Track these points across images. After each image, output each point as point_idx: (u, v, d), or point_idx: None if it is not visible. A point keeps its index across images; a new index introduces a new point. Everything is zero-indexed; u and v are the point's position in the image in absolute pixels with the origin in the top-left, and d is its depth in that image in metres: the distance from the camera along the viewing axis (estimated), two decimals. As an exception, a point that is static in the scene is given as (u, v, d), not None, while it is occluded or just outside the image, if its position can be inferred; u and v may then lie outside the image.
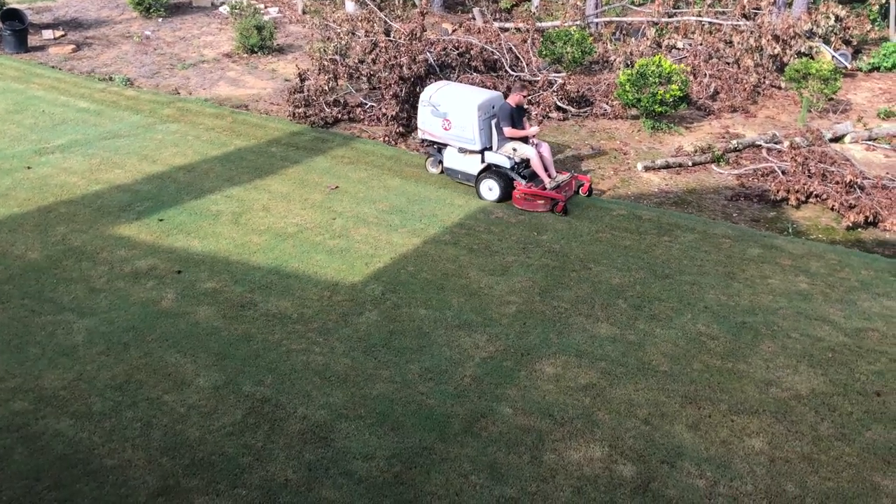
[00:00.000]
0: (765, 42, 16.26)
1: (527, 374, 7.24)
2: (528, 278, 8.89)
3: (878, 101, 16.12)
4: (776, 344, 7.78)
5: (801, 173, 11.35)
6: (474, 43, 14.46)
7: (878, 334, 7.99)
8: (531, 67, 15.04)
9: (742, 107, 15.25)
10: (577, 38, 15.97)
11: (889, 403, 6.96)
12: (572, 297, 8.55)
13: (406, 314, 8.12)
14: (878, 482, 6.06)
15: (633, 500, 5.83)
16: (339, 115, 14.04)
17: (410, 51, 13.60)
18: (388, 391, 6.94)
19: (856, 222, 10.38)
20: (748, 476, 6.09)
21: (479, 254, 9.40)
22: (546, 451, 6.31)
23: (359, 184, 11.35)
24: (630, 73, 13.62)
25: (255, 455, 6.18)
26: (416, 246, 9.54)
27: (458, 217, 10.34)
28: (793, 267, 9.31)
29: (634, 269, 9.16)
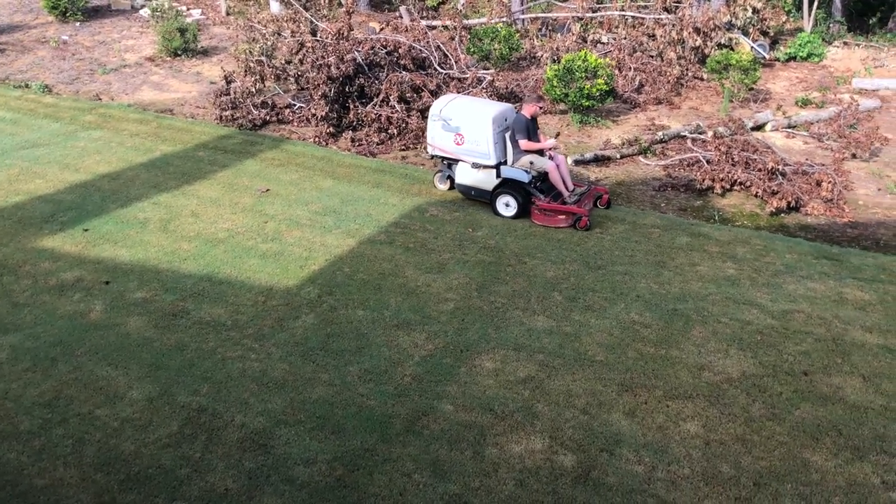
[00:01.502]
0: (686, 35, 16.66)
1: (466, 370, 7.27)
2: (464, 275, 8.92)
3: (795, 90, 16.68)
4: (707, 329, 7.99)
5: (726, 162, 11.66)
6: (402, 41, 14.44)
7: (803, 315, 8.27)
8: (459, 65, 15.08)
9: (667, 99, 15.60)
10: (504, 34, 16.10)
11: (816, 382, 7.21)
12: (509, 291, 8.61)
13: (343, 316, 8.06)
14: (808, 458, 6.28)
15: (574, 489, 5.90)
16: (267, 117, 13.86)
17: (338, 50, 13.51)
18: (328, 394, 6.89)
19: (779, 208, 10.72)
20: (685, 459, 6.24)
21: (416, 252, 9.39)
22: (488, 445, 6.34)
23: (290, 186, 11.23)
24: (557, 68, 13.79)
25: (194, 466, 6.06)
26: (352, 247, 9.48)
27: (393, 216, 10.32)
28: (720, 253, 9.57)
29: (568, 262, 9.27)
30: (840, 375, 7.29)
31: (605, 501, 5.79)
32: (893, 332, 7.98)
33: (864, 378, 7.25)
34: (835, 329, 8.02)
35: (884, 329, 8.04)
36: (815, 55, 18.83)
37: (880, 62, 18.61)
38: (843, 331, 7.99)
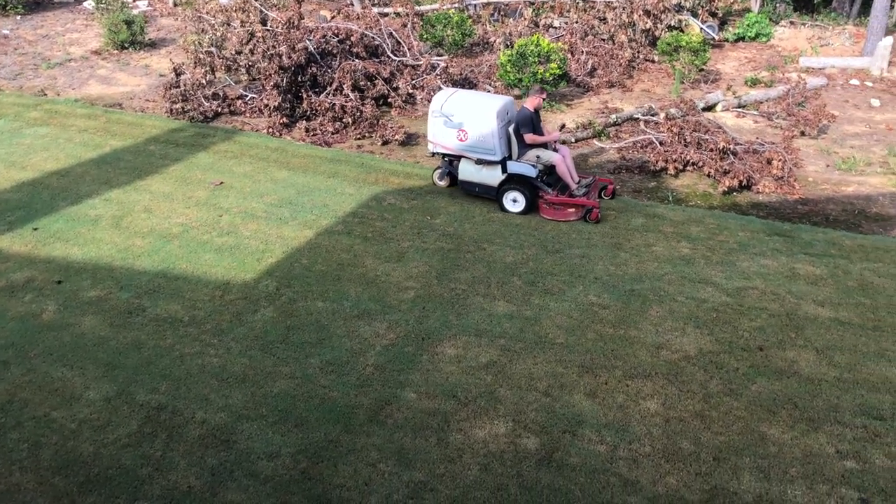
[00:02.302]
0: (637, 17, 16.79)
1: (429, 357, 7.28)
2: (424, 262, 8.91)
3: (744, 70, 16.92)
4: (664, 308, 8.10)
5: (678, 143, 11.80)
6: (354, 29, 14.31)
7: (757, 292, 8.43)
8: (413, 52, 15.01)
9: (619, 81, 15.71)
10: (457, 20, 16.06)
11: (771, 357, 7.36)
12: (469, 277, 8.63)
13: (303, 308, 8.01)
14: (766, 432, 6.41)
15: (538, 471, 5.96)
16: (219, 109, 13.66)
17: (289, 39, 13.35)
18: (289, 387, 6.84)
19: (731, 187, 10.88)
20: (646, 437, 6.33)
21: (374, 241, 9.36)
22: (452, 431, 6.36)
23: (244, 178, 11.09)
24: (510, 53, 13.80)
25: (155, 465, 5.98)
26: (309, 238, 9.41)
27: (350, 206, 10.26)
28: (675, 233, 9.69)
29: (527, 247, 9.32)
30: (794, 349, 7.45)
31: (569, 482, 5.86)
32: (845, 306, 8.18)
33: (817, 351, 7.42)
34: (788, 304, 8.19)
35: (835, 302, 8.23)
36: (763, 35, 19.12)
37: (825, 41, 18.96)
38: (796, 305, 8.17)
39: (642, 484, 5.87)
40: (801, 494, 5.78)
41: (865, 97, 15.38)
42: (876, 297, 8.36)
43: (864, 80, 16.35)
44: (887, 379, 7.05)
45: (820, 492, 5.81)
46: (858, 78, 16.44)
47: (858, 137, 13.24)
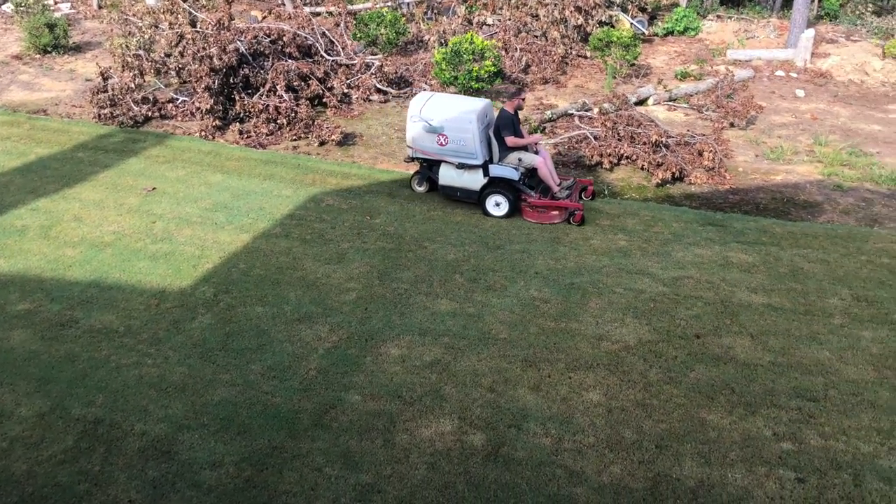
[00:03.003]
0: (568, 13, 16.98)
1: (372, 358, 7.23)
2: (365, 263, 8.86)
3: (674, 63, 17.28)
4: (603, 300, 8.21)
5: (612, 137, 11.98)
6: (286, 29, 14.14)
7: (692, 281, 8.61)
8: (347, 51, 14.92)
9: (553, 78, 15.87)
10: (390, 19, 16.01)
11: (708, 344, 7.52)
12: (411, 277, 8.61)
13: (242, 314, 7.88)
14: (705, 417, 6.55)
15: (485, 467, 5.98)
16: (149, 113, 13.34)
17: (219, 41, 13.11)
18: (231, 395, 6.72)
19: (664, 179, 11.10)
20: (589, 428, 6.41)
21: (313, 243, 9.26)
22: (398, 432, 6.34)
23: (178, 183, 10.86)
24: (445, 51, 13.82)
25: (93, 481, 5.81)
26: (246, 242, 9.26)
27: (288, 208, 10.13)
28: (611, 226, 9.83)
29: (468, 244, 9.34)
30: (730, 336, 7.64)
31: (516, 476, 5.89)
32: (777, 292, 8.41)
33: (752, 337, 7.62)
34: (722, 292, 8.39)
35: (767, 289, 8.46)
36: (692, 29, 19.54)
37: (751, 33, 19.48)
38: (731, 293, 8.37)
39: (587, 474, 5.94)
40: (741, 477, 5.93)
41: (791, 88, 15.86)
42: (806, 282, 8.62)
43: (788, 71, 16.85)
44: (819, 361, 7.28)
45: (759, 474, 5.96)
46: (783, 69, 16.94)
47: (785, 127, 13.63)
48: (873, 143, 12.94)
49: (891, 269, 8.90)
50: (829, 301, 8.27)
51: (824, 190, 11.11)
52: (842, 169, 11.74)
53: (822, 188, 11.16)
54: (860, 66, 16.76)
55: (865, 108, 14.73)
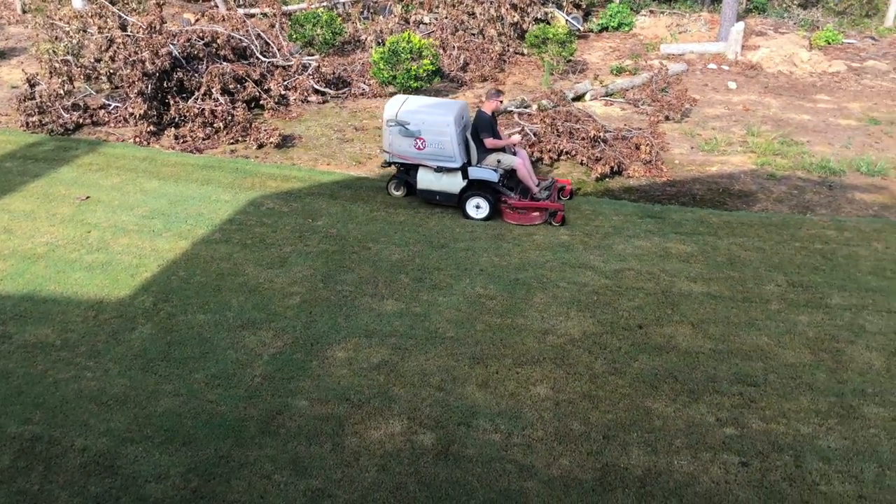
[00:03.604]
0: (504, 11, 17.08)
1: (319, 362, 7.16)
2: (308, 266, 8.77)
3: (609, 59, 17.52)
4: (547, 294, 8.28)
5: (551, 133, 12.08)
6: (220, 31, 13.92)
7: (633, 272, 8.74)
8: (283, 52, 14.75)
9: (491, 75, 15.95)
10: (326, 19, 15.88)
11: (650, 334, 7.65)
12: (355, 278, 8.55)
13: (183, 322, 7.72)
14: (650, 406, 6.66)
15: (435, 466, 5.97)
16: (80, 120, 12.98)
17: (151, 45, 12.83)
18: (175, 405, 6.58)
19: (603, 173, 11.24)
20: (538, 422, 6.45)
21: (254, 248, 9.13)
22: (347, 435, 6.29)
23: (112, 191, 10.59)
24: (382, 51, 13.77)
25: (32, 500, 5.62)
26: (185, 249, 9.08)
27: (227, 213, 9.97)
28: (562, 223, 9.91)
29: (412, 244, 9.32)
30: (671, 325, 7.78)
31: (467, 473, 5.90)
32: (715, 280, 8.60)
33: (692, 325, 7.77)
34: (663, 282, 8.54)
35: (706, 278, 8.64)
36: (626, 24, 19.85)
37: (683, 28, 19.87)
38: (671, 283, 8.52)
39: (537, 468, 5.98)
40: (686, 464, 6.04)
41: (723, 80, 16.22)
42: (743, 269, 8.83)
43: (720, 63, 17.24)
44: (758, 347, 7.46)
45: (704, 459, 6.08)
46: (716, 62, 17.32)
47: (719, 119, 13.94)
48: (803, 132, 13.32)
49: (824, 255, 9.17)
50: (765, 288, 8.48)
51: (758, 179, 11.39)
52: (774, 158, 12.06)
53: (755, 178, 11.45)
54: (788, 57, 17.24)
55: (795, 99, 15.15)
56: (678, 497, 5.74)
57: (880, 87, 15.87)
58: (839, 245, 9.42)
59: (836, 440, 6.30)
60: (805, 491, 5.81)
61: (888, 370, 7.16)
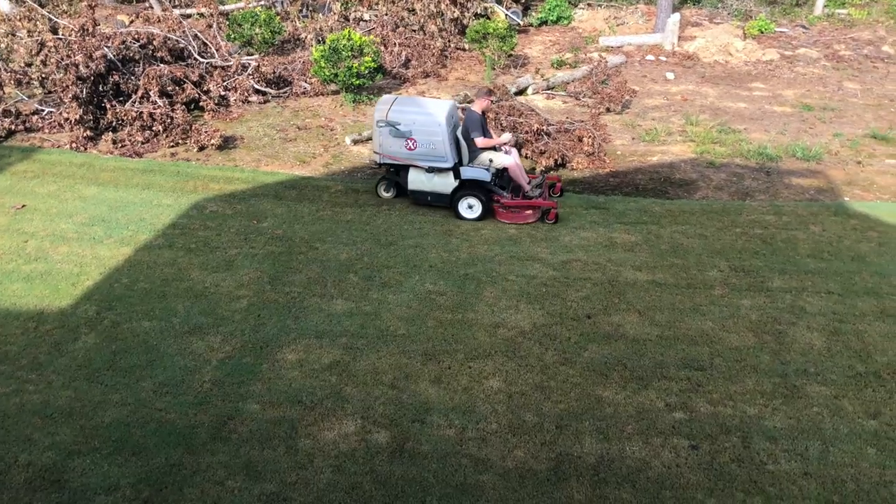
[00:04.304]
0: (444, 7, 17.09)
1: (269, 366, 7.09)
2: (255, 269, 8.66)
3: (550, 53, 17.66)
4: (497, 288, 8.33)
5: (495, 128, 12.13)
6: (156, 33, 13.64)
7: (580, 263, 8.85)
8: (221, 52, 14.54)
9: (434, 71, 15.94)
10: (265, 18, 15.68)
11: (599, 323, 7.75)
12: (304, 279, 8.48)
13: (128, 330, 7.56)
14: (601, 394, 6.75)
15: (391, 464, 5.97)
16: (12, 127, 12.57)
17: (85, 48, 12.51)
18: (122, 415, 6.45)
19: (547, 166, 11.33)
20: (491, 416, 6.49)
21: (199, 252, 8.98)
22: (300, 437, 6.24)
23: (49, 198, 10.30)
24: (323, 49, 13.66)
25: (-25, 520, 5.46)
26: (128, 255, 8.89)
27: (169, 217, 9.78)
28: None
29: (360, 242, 9.28)
30: (619, 313, 7.89)
31: (422, 470, 5.91)
32: (660, 268, 8.75)
33: (639, 313, 7.90)
34: (609, 272, 8.66)
35: (651, 266, 8.79)
36: (564, 18, 20.03)
37: (621, 20, 20.13)
38: (617, 272, 8.65)
39: (492, 461, 6.02)
40: (638, 449, 6.14)
41: (661, 71, 16.49)
42: (686, 256, 9.00)
43: (658, 55, 17.52)
44: (703, 332, 7.62)
45: (655, 444, 6.20)
46: (653, 53, 17.60)
47: (658, 109, 14.17)
48: (740, 120, 13.62)
49: (763, 240, 9.41)
50: (708, 274, 8.66)
51: (698, 168, 11.62)
52: (713, 147, 12.31)
53: (695, 166, 11.67)
54: (724, 47, 17.61)
55: (731, 87, 15.49)
56: (631, 483, 5.83)
57: (812, 74, 16.32)
58: (778, 229, 9.67)
59: (781, 420, 6.47)
60: (753, 471, 5.96)
61: (829, 350, 7.38)
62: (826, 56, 17.50)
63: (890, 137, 12.70)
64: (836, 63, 17.06)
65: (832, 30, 19.39)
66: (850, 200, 10.53)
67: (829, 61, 17.19)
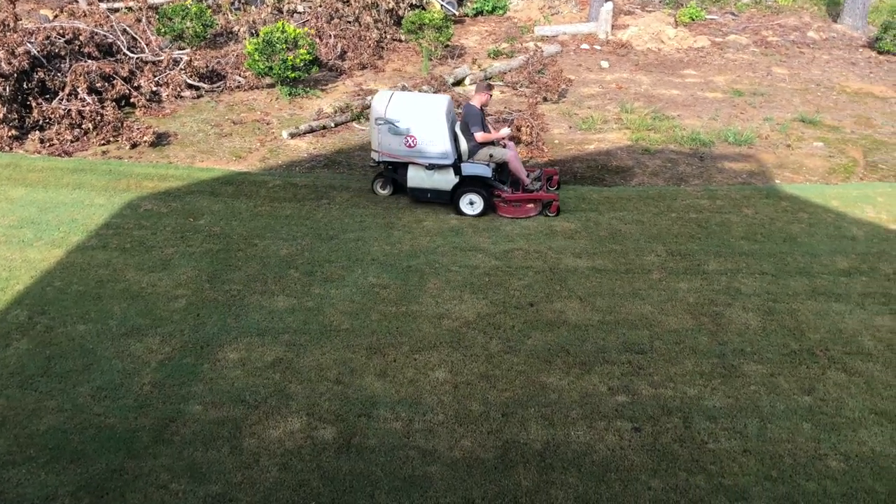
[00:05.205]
0: (379, -2, 16.98)
1: (210, 365, 6.97)
2: (192, 267, 8.50)
3: (486, 43, 17.71)
4: (440, 279, 8.34)
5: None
6: (82, 28, 13.24)
7: (522, 252, 8.92)
8: (152, 47, 14.19)
9: (370, 63, 15.84)
10: (195, 11, 15.34)
11: (541, 311, 7.83)
12: (243, 276, 8.36)
13: (63, 334, 7.35)
14: (545, 381, 6.83)
15: (338, 459, 5.94)
16: (-69, 128, 12.07)
17: (6, 43, 12.07)
18: (59, 422, 6.27)
19: (487, 155, 11.36)
20: (438, 407, 6.51)
21: (134, 252, 8.78)
22: (245, 437, 6.16)
23: (-26, 201, 9.94)
24: (256, 42, 13.45)
25: None
26: (60, 258, 8.63)
27: (102, 217, 9.53)
28: (442, 207, 9.97)
29: (300, 237, 9.18)
30: (560, 300, 7.98)
31: (370, 464, 5.89)
32: (599, 254, 8.87)
33: (580, 299, 8.00)
34: (550, 260, 8.75)
35: (590, 252, 8.91)
36: (500, 8, 20.09)
37: (555, 9, 20.29)
38: (558, 260, 8.74)
39: (440, 452, 6.04)
40: (583, 434, 6.23)
41: (596, 60, 16.69)
42: (624, 242, 9.15)
43: (592, 43, 17.72)
44: (643, 316, 7.76)
45: (599, 428, 6.30)
46: (588, 42, 17.79)
47: (594, 98, 14.34)
48: (673, 106, 13.88)
49: (699, 224, 9.61)
50: (646, 258, 8.82)
51: (634, 154, 11.80)
52: (648, 133, 12.52)
53: (631, 153, 11.86)
54: (656, 35, 17.90)
55: (664, 75, 15.76)
56: (577, 467, 5.91)
57: (742, 60, 16.71)
58: (712, 213, 9.89)
59: (720, 399, 6.64)
60: (695, 450, 6.10)
61: (763, 329, 7.59)
62: (755, 42, 17.95)
63: (817, 121, 13.10)
64: (765, 49, 17.51)
65: (760, 16, 19.88)
66: (780, 183, 10.84)
67: (758, 47, 17.63)
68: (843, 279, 8.45)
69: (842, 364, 7.10)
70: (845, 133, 12.71)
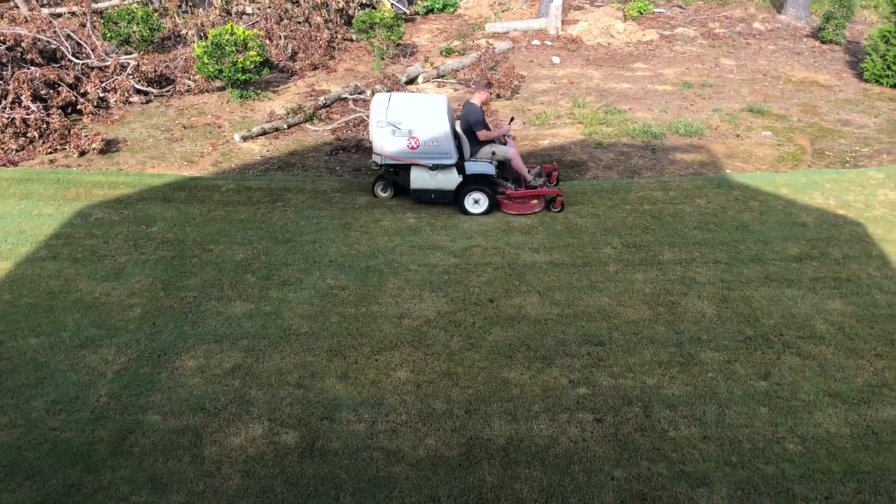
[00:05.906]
0: (329, -3, 16.88)
1: (168, 374, 6.87)
2: (146, 275, 8.36)
3: (438, 41, 17.72)
4: (400, 279, 8.32)
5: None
6: (24, 34, 12.93)
7: (480, 249, 8.94)
8: (98, 52, 13.93)
9: (322, 63, 15.74)
10: (142, 15, 15.09)
11: (501, 306, 7.86)
12: (199, 283, 8.25)
13: (13, 348, 7.17)
14: (507, 376, 6.85)
15: (301, 464, 5.89)
16: None
17: (-55, 52, 11.74)
18: (12, 438, 6.12)
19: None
20: (401, 407, 6.49)
21: (86, 262, 8.60)
22: (206, 445, 6.08)
23: (-83, 215, 9.65)
24: (205, 45, 13.27)
25: None
26: (8, 270, 8.42)
27: (51, 227, 9.32)
28: (399, 206, 9.96)
29: (256, 241, 9.09)
30: (520, 296, 8.02)
31: (334, 467, 5.86)
32: (556, 249, 8.94)
33: (539, 294, 8.05)
34: (508, 256, 8.78)
35: (548, 247, 8.97)
36: (450, 5, 20.12)
37: (506, 6, 20.37)
38: (516, 256, 8.78)
39: (404, 451, 6.02)
40: (545, 427, 6.27)
41: (547, 55, 16.79)
42: (581, 236, 9.22)
43: (543, 39, 17.83)
44: (601, 308, 7.83)
45: (561, 421, 6.34)
46: (539, 38, 17.89)
47: (546, 93, 14.43)
48: (625, 100, 14.03)
49: (653, 215, 9.73)
50: (603, 251, 8.91)
51: (587, 149, 11.91)
52: (600, 127, 12.64)
53: (585, 147, 11.96)
54: (605, 29, 18.08)
55: (614, 69, 15.92)
56: (540, 460, 5.95)
57: (690, 53, 16.96)
58: (666, 204, 10.02)
59: (679, 387, 6.73)
60: (656, 439, 6.18)
61: (719, 316, 7.72)
62: (702, 34, 18.23)
63: (765, 110, 13.36)
64: (712, 41, 17.79)
65: (707, 9, 20.19)
66: (731, 172, 11.02)
67: (706, 39, 17.91)
68: (795, 265, 8.63)
69: (796, 348, 7.25)
70: (792, 122, 12.97)
